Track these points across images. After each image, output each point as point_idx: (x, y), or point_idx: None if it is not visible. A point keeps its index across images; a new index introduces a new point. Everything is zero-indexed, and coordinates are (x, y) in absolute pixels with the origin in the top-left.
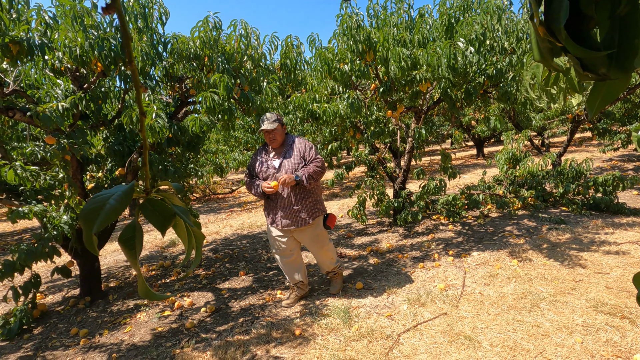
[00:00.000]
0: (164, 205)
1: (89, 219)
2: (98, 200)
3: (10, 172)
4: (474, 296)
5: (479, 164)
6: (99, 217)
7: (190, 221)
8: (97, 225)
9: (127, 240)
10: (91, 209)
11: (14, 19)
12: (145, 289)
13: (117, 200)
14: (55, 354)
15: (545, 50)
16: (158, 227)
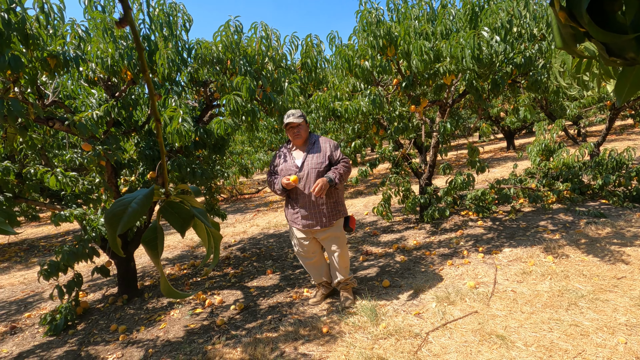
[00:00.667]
0: (183, 207)
1: (113, 222)
2: (121, 204)
3: (52, 178)
4: (506, 294)
5: (510, 157)
6: (122, 220)
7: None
8: (121, 228)
9: (149, 241)
10: (115, 213)
11: (51, 35)
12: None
13: (139, 203)
14: (97, 349)
15: (567, 37)
16: (177, 228)
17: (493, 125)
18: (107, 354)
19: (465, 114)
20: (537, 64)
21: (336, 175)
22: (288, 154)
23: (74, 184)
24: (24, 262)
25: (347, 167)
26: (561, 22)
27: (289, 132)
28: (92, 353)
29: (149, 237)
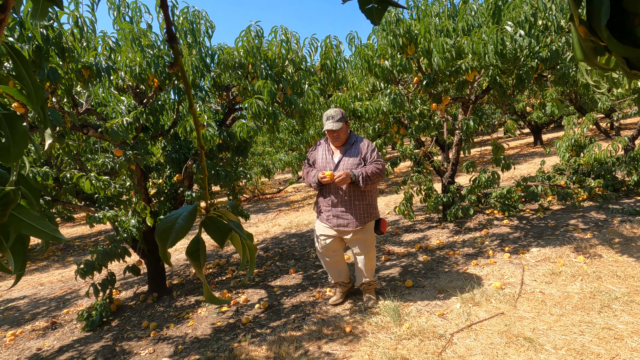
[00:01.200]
0: (222, 222)
1: (164, 237)
2: (169, 220)
3: (87, 182)
4: (534, 295)
5: (537, 153)
6: (171, 235)
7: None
8: (170, 242)
9: (192, 253)
10: (164, 229)
11: (85, 47)
12: (210, 295)
13: (185, 219)
14: (131, 344)
15: (588, 50)
16: (217, 241)
17: (519, 120)
18: (140, 349)
19: (489, 109)
20: (565, 57)
21: (361, 173)
22: (327, 150)
23: (107, 187)
24: (61, 261)
25: (378, 169)
26: (581, 36)
27: (328, 135)
28: (126, 348)
29: (192, 250)
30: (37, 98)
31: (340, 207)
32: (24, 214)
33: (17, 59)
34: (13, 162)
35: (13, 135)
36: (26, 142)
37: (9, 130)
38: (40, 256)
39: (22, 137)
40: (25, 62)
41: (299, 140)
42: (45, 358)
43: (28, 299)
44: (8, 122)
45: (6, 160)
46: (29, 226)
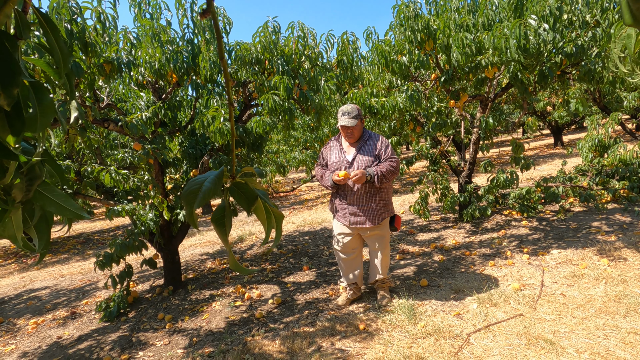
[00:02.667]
0: (248, 188)
1: (190, 199)
2: (195, 183)
3: (107, 176)
4: (554, 297)
5: (557, 154)
6: (198, 197)
7: (270, 202)
8: (197, 204)
9: (218, 219)
10: (191, 191)
11: (106, 42)
12: (235, 263)
13: (212, 182)
14: (147, 335)
15: (638, 12)
16: (244, 206)
17: (539, 121)
18: (156, 340)
19: (508, 109)
20: (590, 53)
21: (377, 172)
22: (339, 148)
23: (126, 181)
24: (80, 253)
25: (393, 167)
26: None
27: (342, 131)
28: (142, 339)
29: (218, 216)
30: (65, 66)
31: (356, 205)
32: (49, 191)
33: (47, 25)
34: (40, 132)
35: (40, 105)
36: (53, 112)
37: (37, 101)
38: (61, 249)
39: (50, 108)
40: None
41: (314, 139)
42: (65, 346)
43: (49, 290)
44: (35, 92)
45: (33, 129)
46: (54, 203)
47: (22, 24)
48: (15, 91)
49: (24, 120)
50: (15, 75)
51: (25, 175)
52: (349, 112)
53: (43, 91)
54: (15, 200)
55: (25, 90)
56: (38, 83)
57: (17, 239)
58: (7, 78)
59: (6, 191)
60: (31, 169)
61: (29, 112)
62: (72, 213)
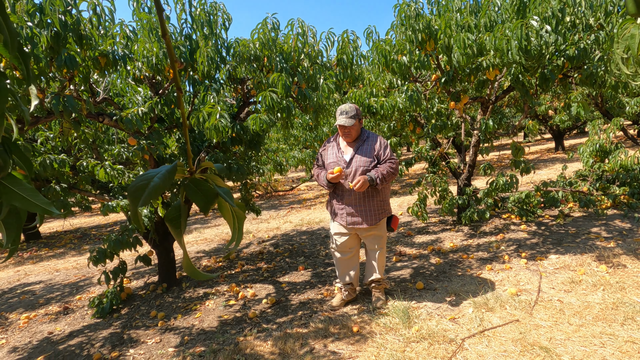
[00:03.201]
0: (208, 186)
1: (135, 196)
2: (144, 178)
3: (102, 171)
4: (551, 303)
5: (558, 158)
6: (144, 194)
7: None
8: (142, 201)
9: (173, 219)
10: (137, 187)
11: (102, 35)
12: (191, 267)
13: (161, 178)
14: (139, 333)
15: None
16: (201, 206)
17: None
18: (147, 338)
19: (509, 112)
20: (593, 56)
21: (378, 175)
22: (337, 148)
23: (121, 176)
24: (77, 248)
25: (392, 168)
26: None
27: (340, 130)
28: (134, 336)
29: (173, 215)
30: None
31: (353, 205)
32: (15, 185)
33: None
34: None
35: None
36: (6, 98)
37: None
38: (58, 243)
39: (3, 93)
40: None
41: (313, 138)
42: (56, 342)
43: (43, 284)
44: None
45: None
46: (21, 198)
47: None
48: None
49: None
50: None
51: None
52: (347, 112)
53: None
54: None
55: None
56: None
57: None
58: None
59: None
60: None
61: None
62: (39, 208)
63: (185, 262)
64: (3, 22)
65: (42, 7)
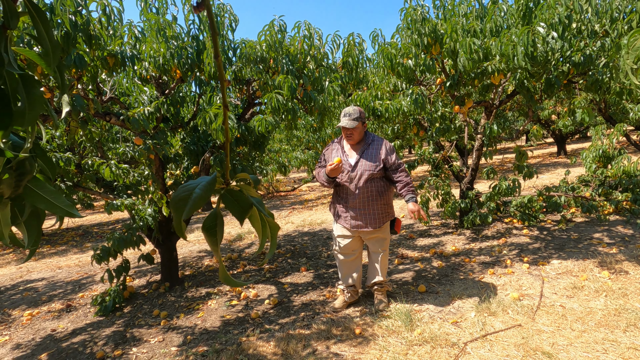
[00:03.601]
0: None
1: (179, 206)
2: (186, 189)
3: (107, 169)
4: (553, 309)
5: (560, 163)
6: (188, 205)
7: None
8: (186, 212)
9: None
10: (180, 198)
11: (111, 35)
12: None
13: (203, 189)
14: (141, 332)
15: None
16: (237, 216)
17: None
18: (150, 337)
19: (512, 116)
20: (598, 63)
21: (411, 191)
22: (341, 151)
23: (126, 175)
24: (79, 246)
25: (408, 175)
26: None
27: (342, 132)
28: (137, 335)
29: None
30: (54, 57)
31: (357, 209)
32: (39, 187)
33: (37, 15)
34: (28, 126)
35: (29, 98)
36: (42, 106)
37: (25, 94)
38: (60, 240)
39: (39, 101)
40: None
41: (316, 139)
42: (59, 339)
43: (46, 281)
44: (25, 84)
45: (21, 123)
46: (44, 200)
47: (11, 13)
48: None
49: (12, 114)
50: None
51: (14, 171)
52: (350, 114)
53: (32, 83)
54: (3, 196)
55: (15, 83)
56: (27, 75)
57: (4, 235)
58: None
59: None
60: (21, 164)
61: (17, 105)
62: (62, 211)
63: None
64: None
65: (52, 7)
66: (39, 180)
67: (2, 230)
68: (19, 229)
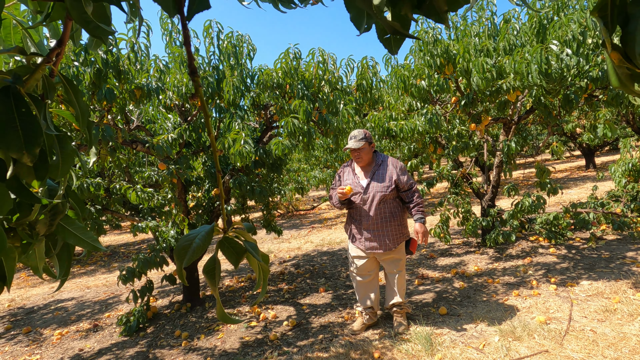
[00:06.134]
0: (237, 243)
1: (181, 255)
2: (187, 239)
3: (133, 193)
4: (583, 333)
5: (589, 177)
6: (188, 254)
7: (259, 257)
8: (186, 261)
9: (209, 271)
10: (182, 247)
11: (138, 70)
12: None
13: (202, 239)
14: (163, 352)
15: (624, 77)
16: (232, 262)
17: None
18: (172, 358)
19: (535, 129)
20: None
21: (420, 212)
22: (352, 173)
23: (150, 198)
24: (107, 266)
25: (420, 196)
26: (615, 63)
27: (351, 154)
28: (159, 356)
29: (209, 268)
30: (83, 120)
31: (372, 230)
32: (70, 224)
33: (69, 86)
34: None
35: (63, 154)
36: (73, 160)
37: (60, 149)
38: (89, 261)
39: (71, 156)
40: (75, 90)
41: (334, 158)
42: (86, 359)
43: (75, 301)
44: (60, 142)
45: (55, 175)
46: (74, 235)
47: (49, 87)
48: (36, 150)
49: (48, 167)
50: (37, 136)
51: (49, 212)
52: (355, 136)
53: (66, 140)
54: (39, 234)
55: (51, 140)
56: (62, 134)
57: (39, 269)
58: (30, 139)
59: (31, 226)
60: (54, 206)
61: (52, 159)
62: (89, 245)
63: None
64: (76, 101)
65: (86, 47)
66: (69, 217)
67: (38, 265)
68: (52, 261)
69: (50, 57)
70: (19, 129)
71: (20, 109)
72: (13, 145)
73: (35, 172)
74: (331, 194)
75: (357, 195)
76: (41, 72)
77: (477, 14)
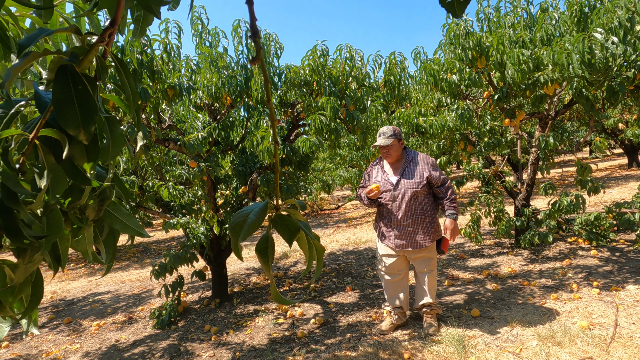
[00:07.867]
0: (291, 220)
1: (236, 231)
2: (241, 215)
3: (165, 191)
4: (631, 340)
5: (632, 176)
6: (243, 230)
7: (312, 235)
8: (242, 236)
9: (262, 250)
10: (237, 223)
11: (171, 69)
12: (277, 294)
13: (256, 215)
14: (194, 346)
15: None
16: (286, 239)
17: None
18: (202, 351)
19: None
20: None
21: (452, 207)
22: (382, 171)
23: (181, 196)
24: (139, 262)
25: (454, 192)
26: None
27: (380, 151)
28: (190, 349)
29: (262, 246)
30: (134, 103)
31: (401, 227)
32: (116, 210)
33: (121, 68)
34: (111, 160)
35: (113, 136)
36: (123, 143)
37: (110, 132)
38: (123, 256)
39: (120, 139)
40: (127, 71)
41: (359, 157)
42: (121, 349)
43: (111, 294)
44: (109, 124)
45: (106, 158)
46: (120, 222)
47: (102, 67)
48: (92, 128)
49: (99, 150)
50: (93, 113)
51: (97, 197)
52: (384, 133)
53: (115, 124)
54: (89, 219)
55: (101, 123)
56: (112, 117)
57: (88, 253)
58: (87, 117)
59: (81, 210)
60: (103, 191)
61: (103, 142)
62: (134, 231)
63: (272, 291)
64: (127, 82)
65: (122, 48)
66: (115, 204)
67: (87, 248)
68: (99, 247)
69: (104, 36)
70: (76, 106)
71: (77, 86)
72: (71, 121)
73: (87, 154)
74: (360, 193)
75: (387, 192)
76: (95, 53)
77: (511, 4)
